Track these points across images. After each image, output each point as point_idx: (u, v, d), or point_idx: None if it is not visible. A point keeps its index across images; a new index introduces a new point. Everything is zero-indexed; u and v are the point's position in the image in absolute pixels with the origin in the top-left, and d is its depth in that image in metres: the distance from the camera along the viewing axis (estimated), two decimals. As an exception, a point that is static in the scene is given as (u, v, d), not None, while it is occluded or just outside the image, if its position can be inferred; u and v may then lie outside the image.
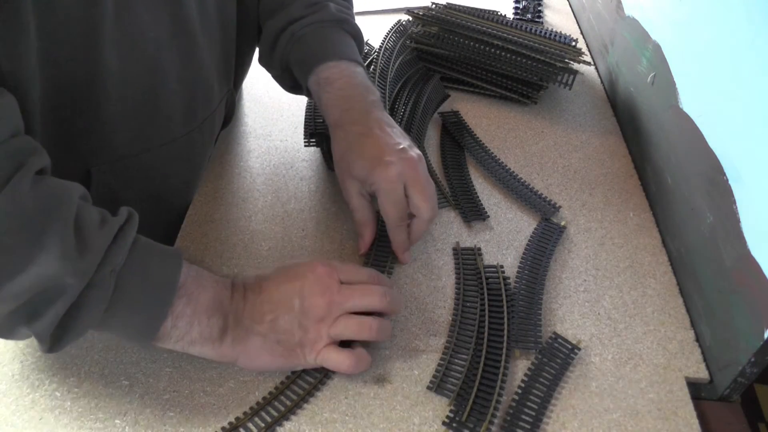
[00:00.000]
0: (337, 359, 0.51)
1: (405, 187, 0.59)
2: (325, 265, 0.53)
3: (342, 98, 0.65)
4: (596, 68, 1.00)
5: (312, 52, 0.68)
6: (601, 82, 0.97)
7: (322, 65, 0.66)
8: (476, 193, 0.75)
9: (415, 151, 0.61)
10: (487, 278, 0.63)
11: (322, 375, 0.54)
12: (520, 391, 0.54)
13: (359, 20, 0.75)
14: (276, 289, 0.52)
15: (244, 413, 0.52)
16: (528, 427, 0.51)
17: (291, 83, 0.74)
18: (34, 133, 0.51)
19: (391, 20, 0.98)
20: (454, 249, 0.67)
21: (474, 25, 0.89)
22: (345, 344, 0.54)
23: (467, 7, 0.97)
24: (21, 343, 0.57)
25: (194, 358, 0.56)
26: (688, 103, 0.67)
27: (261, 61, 0.77)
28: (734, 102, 0.58)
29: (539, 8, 1.15)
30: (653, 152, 0.75)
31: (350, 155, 0.61)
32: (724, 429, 0.54)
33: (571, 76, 0.87)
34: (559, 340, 0.58)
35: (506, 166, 0.78)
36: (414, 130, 0.80)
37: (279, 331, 0.51)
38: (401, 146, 0.60)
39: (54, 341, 0.44)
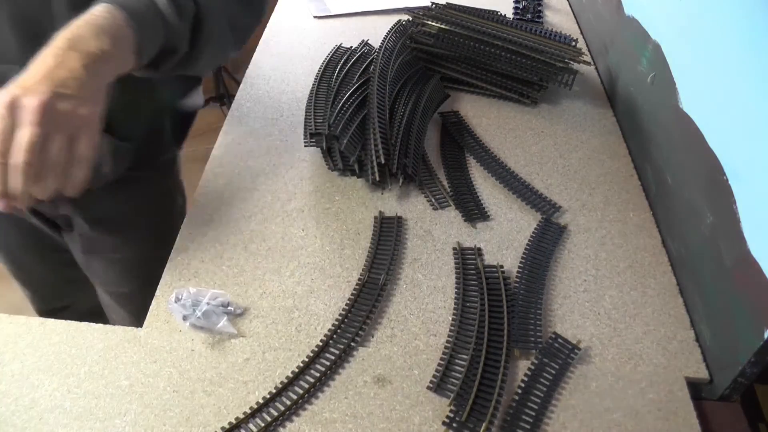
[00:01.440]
0: None
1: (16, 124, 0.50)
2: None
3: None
4: (596, 68, 1.00)
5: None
6: (601, 82, 0.97)
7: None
8: (477, 193, 0.75)
9: (51, 92, 0.50)
10: (487, 278, 0.63)
11: (321, 374, 0.54)
12: (520, 391, 0.54)
13: (359, 20, 0.75)
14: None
15: (244, 413, 0.52)
16: (528, 427, 0.51)
17: None
18: None
19: (391, 20, 0.98)
20: (455, 249, 0.67)
21: (474, 25, 0.89)
22: None
23: (467, 7, 0.97)
24: (21, 343, 0.57)
25: (194, 358, 0.56)
26: (688, 103, 0.67)
27: None
28: (734, 102, 0.58)
29: (539, 8, 1.15)
30: (653, 152, 0.75)
31: None
32: (724, 429, 0.54)
33: (571, 76, 0.87)
34: (559, 340, 0.58)
35: (506, 166, 0.78)
36: (414, 130, 0.80)
37: None
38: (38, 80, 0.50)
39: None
